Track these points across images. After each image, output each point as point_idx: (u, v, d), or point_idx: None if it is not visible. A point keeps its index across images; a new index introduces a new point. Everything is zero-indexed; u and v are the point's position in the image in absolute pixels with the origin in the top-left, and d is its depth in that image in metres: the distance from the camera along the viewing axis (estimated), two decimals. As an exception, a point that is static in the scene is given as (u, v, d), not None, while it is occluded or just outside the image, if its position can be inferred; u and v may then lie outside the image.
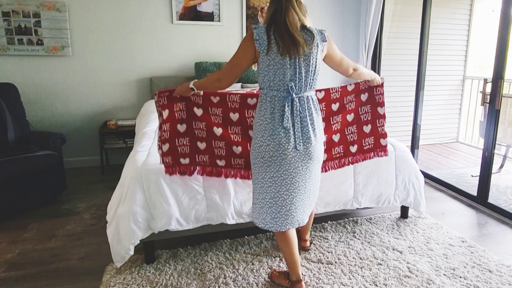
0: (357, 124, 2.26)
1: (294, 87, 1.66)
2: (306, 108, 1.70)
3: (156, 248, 2.30)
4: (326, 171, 2.25)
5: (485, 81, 3.49)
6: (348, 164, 2.31)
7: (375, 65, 4.57)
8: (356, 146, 2.29)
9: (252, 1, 4.22)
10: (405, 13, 4.79)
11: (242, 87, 3.96)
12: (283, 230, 1.78)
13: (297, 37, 1.58)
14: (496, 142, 3.00)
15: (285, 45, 1.58)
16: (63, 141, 3.22)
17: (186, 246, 2.39)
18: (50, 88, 3.82)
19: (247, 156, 2.05)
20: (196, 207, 2.14)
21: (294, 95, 1.66)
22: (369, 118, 2.26)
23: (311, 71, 1.68)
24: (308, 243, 2.36)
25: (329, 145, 2.20)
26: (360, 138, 2.28)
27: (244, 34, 4.26)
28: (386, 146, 2.32)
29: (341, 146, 2.24)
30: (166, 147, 2.01)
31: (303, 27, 1.65)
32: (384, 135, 2.30)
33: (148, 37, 4.00)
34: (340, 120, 2.21)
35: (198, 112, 2.03)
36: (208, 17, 4.11)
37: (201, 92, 1.98)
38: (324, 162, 2.21)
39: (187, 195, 2.12)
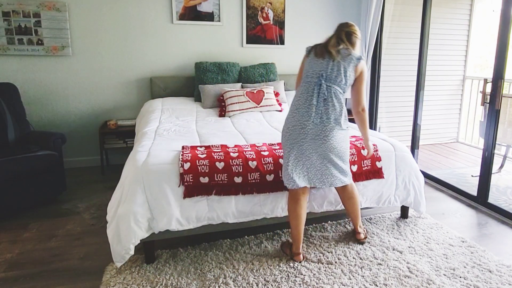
0: (356, 148, 2.51)
1: (323, 75, 2.08)
2: (331, 94, 2.09)
3: (156, 248, 2.30)
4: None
5: (485, 81, 3.49)
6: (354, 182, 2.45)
7: (375, 65, 4.57)
8: (356, 166, 2.46)
9: (252, 1, 4.22)
10: (405, 13, 4.79)
11: (242, 87, 3.96)
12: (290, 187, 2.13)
13: (331, 50, 2.11)
14: (496, 142, 3.00)
15: (321, 52, 2.14)
16: (63, 141, 3.21)
17: (186, 246, 2.39)
18: (50, 88, 3.82)
19: (261, 171, 2.26)
20: (197, 207, 2.14)
21: (322, 81, 2.08)
22: (364, 145, 2.52)
23: (341, 73, 2.10)
24: (362, 235, 2.45)
25: None
26: (359, 160, 2.48)
27: (244, 34, 4.26)
28: (381, 168, 2.54)
29: None
30: (187, 165, 2.14)
31: (344, 49, 2.13)
32: (379, 159, 2.54)
33: (148, 37, 4.00)
34: None
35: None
36: (208, 17, 4.11)
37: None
38: None
39: (187, 195, 2.12)
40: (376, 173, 2.51)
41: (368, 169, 2.49)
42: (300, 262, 2.21)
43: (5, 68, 3.65)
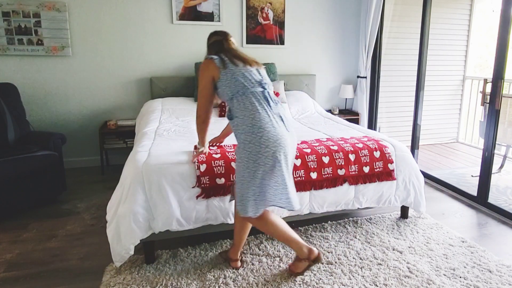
0: (368, 149, 2.52)
1: (265, 84, 1.91)
2: (279, 101, 1.96)
3: (156, 248, 2.30)
4: (341, 184, 2.42)
5: (485, 81, 3.49)
6: (363, 183, 2.47)
7: (375, 65, 4.57)
8: (368, 167, 2.48)
9: (252, 1, 4.22)
10: (405, 13, 4.79)
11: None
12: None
13: (245, 56, 1.96)
14: (496, 142, 3.00)
15: (243, 60, 1.92)
16: (63, 141, 3.22)
17: (186, 246, 2.39)
18: (50, 88, 3.82)
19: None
20: (197, 207, 2.14)
21: (267, 88, 1.91)
22: (376, 146, 2.56)
23: (268, 80, 1.98)
24: (239, 264, 2.14)
25: (346, 162, 2.42)
26: (372, 161, 2.49)
27: (244, 34, 4.26)
28: (393, 170, 2.55)
29: (356, 165, 2.46)
30: (203, 167, 2.14)
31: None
32: (391, 161, 2.55)
33: (148, 37, 4.00)
34: (351, 144, 2.55)
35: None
36: (208, 17, 4.11)
37: (206, 149, 2.19)
38: (342, 176, 2.41)
39: (188, 195, 2.12)
40: (388, 174, 2.53)
41: (380, 171, 2.50)
42: (320, 258, 2.00)
43: (5, 68, 3.65)
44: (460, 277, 2.08)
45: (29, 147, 2.96)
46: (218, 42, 1.97)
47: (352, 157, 2.45)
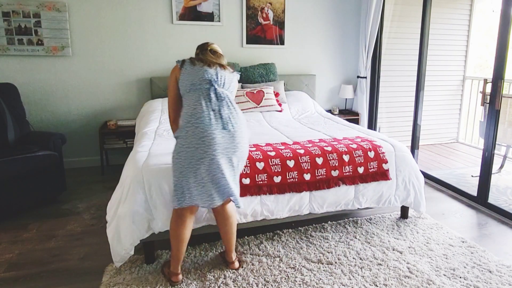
0: (362, 150, 2.51)
1: (214, 82, 1.93)
2: (226, 98, 1.94)
3: (156, 248, 2.30)
4: (338, 185, 2.42)
5: (485, 81, 3.49)
6: (357, 183, 2.48)
7: (375, 65, 4.57)
8: (363, 168, 2.48)
9: (252, 1, 4.22)
10: (405, 13, 4.79)
11: (242, 87, 3.96)
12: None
13: (210, 58, 2.01)
14: (496, 142, 3.00)
15: (203, 61, 1.97)
16: (63, 141, 3.22)
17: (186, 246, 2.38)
18: (50, 88, 3.82)
19: (269, 172, 2.27)
20: (196, 207, 2.13)
21: (216, 86, 1.93)
22: (370, 147, 2.56)
23: (226, 81, 2.00)
24: (236, 265, 2.15)
25: (340, 163, 2.43)
26: (366, 162, 2.49)
27: (244, 34, 4.26)
28: (387, 170, 2.54)
29: (351, 166, 2.46)
30: None
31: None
32: (385, 161, 2.54)
33: (148, 37, 4.00)
34: (345, 144, 2.56)
35: None
36: (208, 17, 4.11)
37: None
38: (335, 178, 2.42)
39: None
40: (383, 175, 2.52)
41: (375, 171, 2.50)
42: (177, 283, 1.99)
43: (5, 68, 3.65)
44: (460, 277, 2.08)
45: (29, 147, 2.96)
46: (198, 54, 2.10)
47: (346, 158, 2.45)
